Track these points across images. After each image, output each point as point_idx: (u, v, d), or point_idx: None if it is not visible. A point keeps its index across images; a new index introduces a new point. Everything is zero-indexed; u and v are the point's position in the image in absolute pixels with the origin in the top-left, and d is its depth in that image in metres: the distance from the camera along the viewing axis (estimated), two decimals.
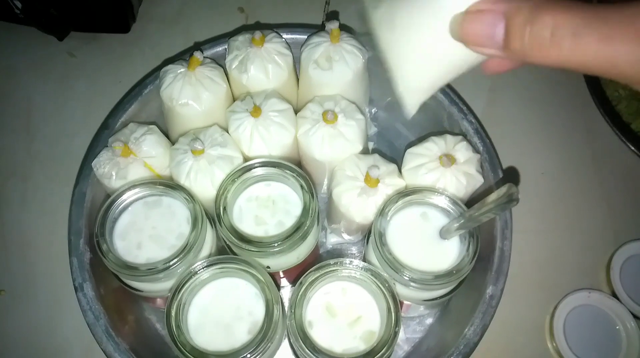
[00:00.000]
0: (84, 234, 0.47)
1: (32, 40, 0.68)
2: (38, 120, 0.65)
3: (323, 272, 0.42)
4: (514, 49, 0.22)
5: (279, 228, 0.45)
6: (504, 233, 0.47)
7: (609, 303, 0.53)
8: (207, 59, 0.52)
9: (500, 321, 0.47)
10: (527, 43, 0.22)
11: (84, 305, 0.45)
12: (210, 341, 0.41)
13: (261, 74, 0.51)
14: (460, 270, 0.41)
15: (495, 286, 0.46)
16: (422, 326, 0.53)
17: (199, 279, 0.41)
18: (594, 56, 0.20)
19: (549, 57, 0.22)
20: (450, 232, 0.42)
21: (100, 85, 0.66)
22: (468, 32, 0.23)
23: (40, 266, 0.57)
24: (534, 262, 0.57)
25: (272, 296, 0.41)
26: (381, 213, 0.44)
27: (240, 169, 0.45)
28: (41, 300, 0.55)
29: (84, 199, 0.49)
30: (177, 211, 0.45)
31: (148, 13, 0.70)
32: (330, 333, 0.42)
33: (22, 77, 0.67)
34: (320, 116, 0.49)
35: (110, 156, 0.47)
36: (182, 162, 0.47)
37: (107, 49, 0.68)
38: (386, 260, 0.41)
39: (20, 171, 0.62)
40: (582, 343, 0.52)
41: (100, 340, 0.44)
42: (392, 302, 0.41)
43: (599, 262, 0.57)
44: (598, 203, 0.60)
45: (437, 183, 0.46)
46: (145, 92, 0.53)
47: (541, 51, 0.22)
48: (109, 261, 0.41)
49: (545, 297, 0.55)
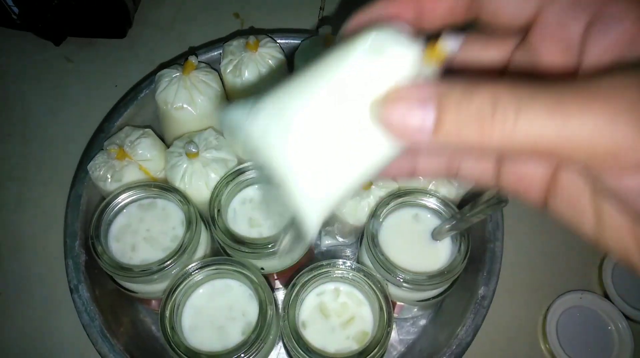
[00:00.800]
0: (79, 236, 0.48)
1: (28, 45, 0.68)
2: (34, 124, 0.65)
3: (316, 273, 0.42)
4: (448, 131, 0.18)
5: (273, 230, 0.45)
6: (495, 234, 0.48)
7: (601, 304, 0.54)
8: (202, 64, 0.53)
9: (493, 322, 0.47)
10: (463, 121, 0.18)
11: (79, 306, 0.45)
12: (205, 341, 0.41)
13: (255, 78, 0.51)
14: (452, 270, 0.41)
15: (487, 287, 0.46)
16: (415, 327, 0.53)
17: (193, 280, 0.42)
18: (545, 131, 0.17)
19: (490, 137, 0.18)
20: (442, 233, 0.43)
21: (96, 89, 0.67)
22: (393, 118, 0.19)
23: (36, 268, 0.57)
24: (526, 264, 0.57)
25: (266, 297, 0.41)
26: (374, 214, 0.44)
27: (234, 172, 0.46)
28: (36, 302, 0.55)
29: (80, 202, 0.49)
30: (172, 214, 0.46)
31: (144, 18, 0.71)
32: (323, 333, 0.42)
33: (19, 82, 0.68)
34: None
35: (105, 159, 0.48)
36: (177, 165, 0.47)
37: (103, 54, 0.69)
38: (379, 261, 0.42)
39: (16, 175, 0.62)
40: (574, 344, 0.53)
41: (95, 341, 0.44)
42: (385, 303, 0.41)
43: (591, 264, 0.58)
44: None
45: (428, 184, 0.46)
46: (141, 96, 0.54)
47: (482, 130, 0.18)
48: (103, 262, 0.42)
49: (538, 298, 0.55)
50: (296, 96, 0.21)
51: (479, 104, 0.18)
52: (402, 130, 0.19)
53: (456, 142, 0.18)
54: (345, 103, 0.20)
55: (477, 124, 0.18)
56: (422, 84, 0.19)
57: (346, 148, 0.20)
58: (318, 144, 0.20)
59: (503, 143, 0.18)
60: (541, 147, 0.17)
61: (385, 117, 0.19)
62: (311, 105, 0.20)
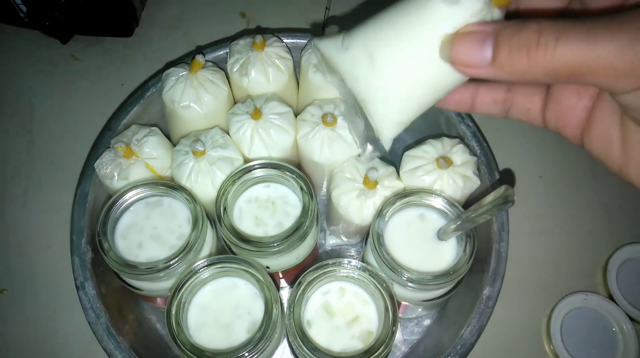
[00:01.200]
0: (85, 234, 0.48)
1: (36, 43, 0.69)
2: (41, 122, 0.66)
3: (322, 272, 0.42)
4: (502, 60, 0.23)
5: (279, 229, 0.45)
6: (500, 234, 0.48)
7: (606, 306, 0.54)
8: (208, 63, 0.53)
9: (498, 323, 0.47)
10: (515, 50, 0.22)
11: (85, 303, 0.45)
12: (210, 339, 0.41)
13: (262, 77, 0.52)
14: (458, 270, 0.41)
15: (492, 288, 0.46)
16: (419, 327, 0.53)
17: (199, 278, 0.42)
18: (578, 53, 0.21)
19: (535, 62, 0.22)
20: (447, 233, 0.43)
21: (103, 88, 0.67)
22: (458, 51, 0.24)
23: (42, 265, 0.57)
24: (531, 265, 0.57)
25: (272, 295, 0.42)
26: (379, 214, 0.44)
27: (240, 171, 0.46)
28: (42, 299, 0.56)
29: (86, 200, 0.49)
30: (178, 212, 0.46)
31: (151, 17, 0.71)
32: (328, 332, 0.42)
33: (26, 80, 0.68)
34: (320, 119, 0.49)
35: (112, 157, 0.48)
36: (184, 163, 0.47)
37: (110, 52, 0.69)
38: (384, 261, 0.42)
39: (23, 172, 0.63)
40: (579, 345, 0.53)
41: (101, 338, 0.44)
42: (390, 302, 0.41)
43: (595, 265, 0.57)
44: (595, 206, 0.60)
45: (434, 184, 0.46)
46: (148, 94, 0.54)
47: (528, 55, 0.22)
48: (109, 259, 0.42)
49: (543, 299, 0.55)
50: (381, 36, 0.25)
51: (527, 35, 0.22)
52: (466, 63, 0.24)
53: (510, 70, 0.23)
54: (423, 43, 0.24)
55: (525, 51, 0.22)
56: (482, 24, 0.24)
57: (419, 80, 0.25)
58: (397, 77, 0.25)
59: (546, 66, 0.21)
60: (575, 68, 0.21)
61: (453, 54, 0.24)
62: (394, 44, 0.25)
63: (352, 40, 0.26)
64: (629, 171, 0.26)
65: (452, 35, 0.24)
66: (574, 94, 0.27)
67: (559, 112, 0.28)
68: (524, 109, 0.29)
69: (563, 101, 0.27)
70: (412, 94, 0.26)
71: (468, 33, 0.24)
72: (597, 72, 0.21)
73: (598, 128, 0.26)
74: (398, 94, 0.26)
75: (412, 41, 0.25)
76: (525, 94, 0.29)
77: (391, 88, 0.26)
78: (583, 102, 0.27)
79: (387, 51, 0.25)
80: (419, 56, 0.25)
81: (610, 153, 0.26)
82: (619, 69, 0.21)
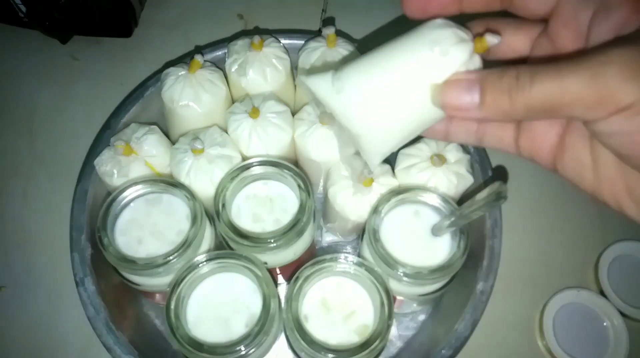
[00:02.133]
0: (85, 230, 0.49)
1: (35, 43, 0.69)
2: (40, 121, 0.66)
3: (319, 267, 0.43)
4: (489, 103, 0.25)
5: (276, 226, 0.46)
6: (494, 231, 0.49)
7: (597, 301, 0.55)
8: (207, 63, 0.54)
9: (491, 319, 0.48)
10: (498, 94, 0.25)
11: (85, 299, 0.46)
12: (209, 333, 0.42)
13: (260, 77, 0.53)
14: (452, 265, 0.42)
15: (486, 282, 0.47)
16: (414, 322, 0.54)
17: (198, 273, 0.43)
18: (550, 90, 0.23)
19: (516, 102, 0.24)
20: (441, 229, 0.44)
21: (102, 88, 0.68)
22: (449, 97, 0.26)
23: (41, 263, 0.58)
24: (523, 261, 0.58)
25: (270, 290, 0.42)
26: (375, 210, 0.45)
27: (239, 168, 0.47)
28: (41, 296, 0.56)
29: (86, 197, 0.50)
30: (177, 208, 0.46)
31: (150, 18, 0.72)
32: (325, 326, 0.43)
33: (25, 80, 0.69)
34: (317, 118, 0.50)
35: (112, 155, 0.49)
36: (182, 161, 0.48)
37: (109, 52, 0.70)
38: (380, 256, 0.43)
39: (22, 171, 0.63)
40: (571, 339, 0.54)
41: (100, 333, 0.45)
42: (386, 296, 0.42)
43: (587, 261, 0.59)
44: (587, 204, 0.62)
45: (428, 182, 0.47)
46: (147, 94, 0.55)
47: (510, 97, 0.24)
48: (109, 254, 0.43)
49: (535, 295, 0.56)
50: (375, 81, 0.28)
51: (508, 80, 0.25)
52: (456, 107, 0.26)
53: (495, 111, 0.25)
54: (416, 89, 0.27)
55: (507, 94, 0.25)
56: (467, 73, 0.27)
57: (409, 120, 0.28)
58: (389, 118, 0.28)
59: (525, 104, 0.24)
60: (550, 103, 0.24)
61: (444, 100, 0.27)
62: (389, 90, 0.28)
63: (345, 84, 0.28)
64: (602, 192, 0.28)
65: (442, 84, 0.27)
66: (545, 122, 0.29)
67: (531, 140, 0.30)
68: (496, 137, 0.31)
69: (535, 129, 0.29)
70: (401, 131, 0.29)
71: (456, 81, 0.26)
72: (568, 105, 0.23)
73: (570, 153, 0.28)
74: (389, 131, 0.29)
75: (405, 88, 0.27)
76: (498, 124, 0.31)
77: (383, 127, 0.29)
78: (554, 130, 0.29)
79: (381, 96, 0.28)
80: (411, 100, 0.28)
81: (583, 176, 0.28)
82: (587, 101, 0.23)
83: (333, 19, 0.71)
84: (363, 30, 0.68)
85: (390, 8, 0.68)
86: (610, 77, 0.22)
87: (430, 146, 0.49)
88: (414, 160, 0.49)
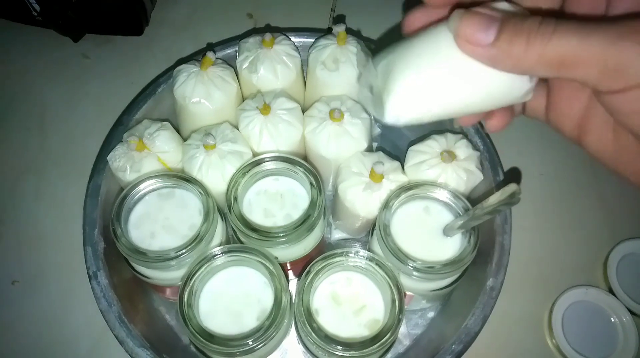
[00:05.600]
0: (98, 225, 0.49)
1: (47, 42, 0.70)
2: (52, 119, 0.67)
3: (329, 262, 0.44)
4: (502, 42, 0.24)
5: (287, 221, 0.46)
6: (503, 227, 0.49)
7: (606, 299, 0.55)
8: (218, 60, 0.54)
9: (500, 316, 0.48)
10: (515, 35, 0.24)
11: (98, 292, 0.46)
12: (221, 326, 0.42)
13: (270, 74, 0.53)
14: (462, 260, 0.43)
15: (496, 278, 0.47)
16: (423, 320, 0.54)
17: (211, 266, 0.43)
18: (570, 44, 0.22)
19: (532, 48, 0.23)
20: (453, 230, 0.44)
21: (113, 86, 0.68)
22: (465, 26, 0.26)
23: (53, 258, 0.58)
24: (533, 259, 0.58)
25: (281, 284, 0.43)
26: (385, 206, 0.45)
27: (250, 163, 0.47)
28: (53, 290, 0.57)
29: (99, 192, 0.51)
30: (190, 203, 0.47)
31: (161, 17, 0.73)
32: (335, 320, 0.43)
33: (37, 78, 0.70)
34: (327, 115, 0.51)
35: (125, 150, 0.49)
36: (194, 157, 0.49)
37: (120, 51, 0.71)
38: (390, 250, 0.43)
39: (34, 167, 0.64)
40: (580, 337, 0.54)
41: (113, 326, 0.45)
42: (397, 291, 0.42)
43: (596, 260, 0.59)
44: (596, 202, 0.62)
45: (438, 178, 0.48)
46: (159, 91, 0.56)
47: (527, 41, 0.24)
48: (121, 245, 0.43)
49: (544, 293, 0.56)
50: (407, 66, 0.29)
51: (530, 24, 0.24)
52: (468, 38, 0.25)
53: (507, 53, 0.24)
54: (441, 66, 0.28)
55: (525, 37, 0.24)
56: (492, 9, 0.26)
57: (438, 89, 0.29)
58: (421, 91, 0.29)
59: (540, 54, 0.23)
60: (566, 58, 0.23)
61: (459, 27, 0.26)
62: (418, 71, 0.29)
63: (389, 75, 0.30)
64: (623, 169, 0.28)
65: (464, 12, 0.26)
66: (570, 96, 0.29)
67: (557, 113, 0.30)
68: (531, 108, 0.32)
69: (559, 102, 0.29)
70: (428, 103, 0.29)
71: (478, 13, 0.26)
72: (586, 64, 0.22)
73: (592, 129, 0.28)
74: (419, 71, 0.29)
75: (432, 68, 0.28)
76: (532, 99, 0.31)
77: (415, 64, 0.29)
78: (579, 102, 0.28)
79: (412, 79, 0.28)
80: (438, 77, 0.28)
81: (605, 152, 0.28)
82: (607, 64, 0.22)
83: (343, 17, 0.71)
84: (372, 29, 0.68)
85: (400, 6, 0.69)
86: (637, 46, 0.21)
87: (440, 143, 0.49)
88: (424, 156, 0.49)
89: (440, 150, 0.49)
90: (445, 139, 0.50)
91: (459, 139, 0.50)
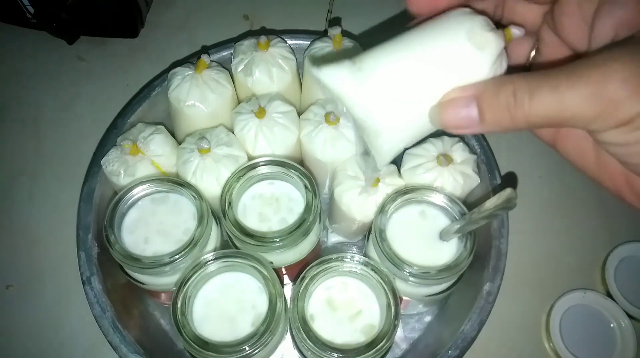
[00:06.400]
0: (92, 230, 0.49)
1: (42, 44, 0.70)
2: (47, 122, 0.67)
3: (325, 267, 0.43)
4: (489, 120, 0.26)
5: (282, 225, 0.46)
6: (500, 231, 0.49)
7: (604, 303, 0.55)
8: (213, 63, 0.54)
9: (497, 320, 0.48)
10: (497, 111, 0.25)
11: (91, 297, 0.46)
12: (215, 332, 0.42)
13: (266, 77, 0.53)
14: (458, 265, 0.42)
15: (492, 283, 0.47)
16: (420, 324, 0.54)
17: (205, 272, 0.43)
18: (549, 106, 0.24)
19: (517, 119, 0.25)
20: (449, 234, 0.44)
21: (108, 88, 0.68)
22: (448, 117, 0.27)
23: (47, 262, 0.58)
24: (530, 263, 0.58)
25: (276, 290, 0.42)
26: (381, 210, 0.45)
27: (245, 167, 0.47)
28: (48, 295, 0.56)
29: (93, 196, 0.50)
30: (184, 208, 0.47)
31: (156, 19, 0.72)
32: (331, 326, 0.43)
33: (32, 80, 0.69)
34: (323, 118, 0.50)
35: (119, 154, 0.49)
36: (189, 160, 0.48)
37: (115, 53, 0.70)
38: (386, 255, 0.43)
39: (29, 170, 0.63)
40: (577, 342, 0.53)
41: (107, 332, 0.45)
42: (392, 296, 0.42)
43: (594, 263, 0.58)
44: (593, 206, 0.61)
45: (434, 182, 0.47)
46: (153, 94, 0.55)
47: (510, 114, 0.25)
48: (115, 252, 0.43)
49: (542, 297, 0.56)
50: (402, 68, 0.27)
51: (505, 97, 0.25)
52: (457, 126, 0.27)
53: (498, 125, 0.26)
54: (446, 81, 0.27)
55: (507, 110, 0.25)
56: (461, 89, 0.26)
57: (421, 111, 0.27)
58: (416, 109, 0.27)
59: (526, 120, 0.25)
60: (550, 119, 0.24)
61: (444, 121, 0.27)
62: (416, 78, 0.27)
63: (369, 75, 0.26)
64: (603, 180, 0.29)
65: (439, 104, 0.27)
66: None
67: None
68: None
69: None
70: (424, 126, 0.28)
71: (452, 100, 0.27)
72: (569, 119, 0.24)
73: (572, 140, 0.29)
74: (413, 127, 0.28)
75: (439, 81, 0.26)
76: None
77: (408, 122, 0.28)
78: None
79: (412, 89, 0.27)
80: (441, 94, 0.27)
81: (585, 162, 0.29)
82: (587, 115, 0.23)
83: (339, 19, 0.71)
84: (368, 31, 0.68)
85: (396, 9, 0.69)
86: (611, 92, 0.22)
87: (436, 146, 0.49)
88: (420, 160, 0.48)
89: (436, 153, 0.48)
90: (441, 142, 0.49)
91: (455, 143, 0.49)
